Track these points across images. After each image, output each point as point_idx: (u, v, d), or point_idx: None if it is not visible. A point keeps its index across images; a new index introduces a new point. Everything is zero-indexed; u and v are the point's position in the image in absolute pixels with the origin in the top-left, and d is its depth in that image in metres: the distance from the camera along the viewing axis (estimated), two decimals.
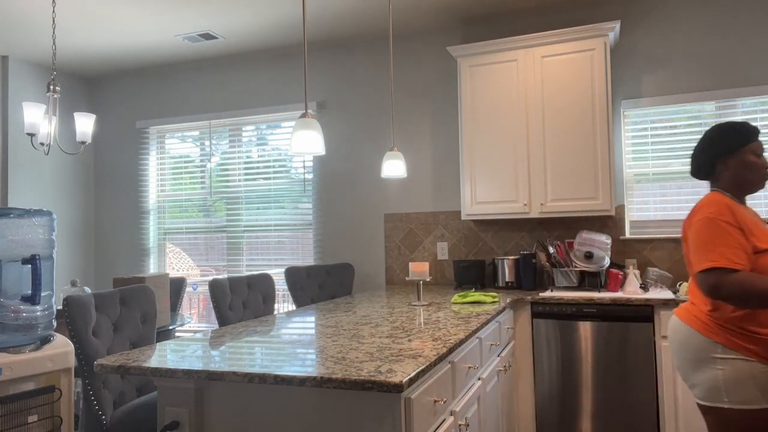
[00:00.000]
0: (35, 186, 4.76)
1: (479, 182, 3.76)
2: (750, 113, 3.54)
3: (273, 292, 3.44)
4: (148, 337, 2.57)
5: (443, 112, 4.22)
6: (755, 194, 3.50)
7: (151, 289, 2.63)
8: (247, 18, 3.97)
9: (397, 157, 3.25)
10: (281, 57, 4.70)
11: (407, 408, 1.52)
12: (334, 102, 4.52)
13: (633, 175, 3.77)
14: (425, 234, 4.22)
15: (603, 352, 3.15)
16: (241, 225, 4.78)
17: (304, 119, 2.18)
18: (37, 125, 3.40)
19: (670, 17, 3.70)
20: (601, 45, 3.50)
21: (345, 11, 3.88)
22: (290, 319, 2.61)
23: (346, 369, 1.57)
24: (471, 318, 2.46)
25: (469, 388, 2.21)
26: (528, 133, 3.65)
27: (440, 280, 4.17)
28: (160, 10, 3.80)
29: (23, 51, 4.51)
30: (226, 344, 2.02)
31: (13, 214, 2.09)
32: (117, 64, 4.95)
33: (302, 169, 4.61)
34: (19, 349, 2.07)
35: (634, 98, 3.75)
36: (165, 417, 1.70)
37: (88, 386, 2.21)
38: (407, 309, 2.82)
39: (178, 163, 5.06)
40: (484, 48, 3.74)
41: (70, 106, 5.12)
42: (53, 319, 2.22)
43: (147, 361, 1.75)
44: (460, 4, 3.82)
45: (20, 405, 2.05)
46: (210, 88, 4.92)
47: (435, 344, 1.90)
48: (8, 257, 2.06)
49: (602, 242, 3.50)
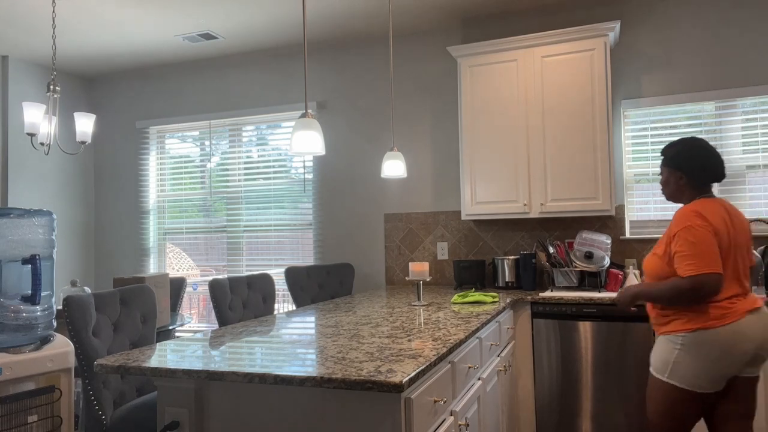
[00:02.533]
0: (35, 186, 4.76)
1: (479, 182, 3.76)
2: (750, 113, 3.54)
3: (273, 292, 3.44)
4: (148, 337, 2.57)
5: (443, 112, 4.22)
6: (755, 194, 3.51)
7: (151, 289, 2.63)
8: (247, 18, 3.97)
9: (397, 157, 3.25)
10: (281, 57, 4.70)
11: (407, 408, 1.52)
12: (334, 102, 4.53)
13: (633, 175, 3.77)
14: (425, 234, 4.22)
15: (603, 352, 3.15)
16: (241, 225, 4.78)
17: (304, 119, 2.18)
18: (37, 125, 3.40)
19: (670, 17, 3.70)
20: (601, 45, 3.50)
21: (345, 11, 3.88)
22: (290, 319, 2.61)
23: (346, 369, 1.57)
24: (471, 318, 2.46)
25: (469, 388, 2.21)
26: (528, 133, 3.66)
27: (440, 280, 4.17)
28: (160, 10, 3.80)
29: (23, 51, 4.51)
30: (226, 344, 2.02)
31: (13, 214, 2.09)
32: (117, 64, 4.95)
33: (302, 169, 4.62)
34: (19, 349, 2.07)
35: (634, 98, 3.75)
36: (165, 417, 1.70)
37: (88, 386, 2.21)
38: (407, 309, 2.82)
39: (178, 163, 5.06)
40: (484, 48, 3.74)
41: (70, 106, 5.12)
42: (53, 319, 2.22)
43: (147, 361, 1.75)
44: (460, 4, 3.82)
45: (20, 405, 2.05)
46: (210, 88, 4.92)
47: (435, 344, 1.90)
48: (8, 257, 2.06)
49: (602, 242, 3.50)
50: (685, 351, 2.04)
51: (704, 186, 2.21)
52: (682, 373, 2.04)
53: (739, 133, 3.55)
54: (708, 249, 2.02)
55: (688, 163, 2.20)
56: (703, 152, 2.20)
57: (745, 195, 3.53)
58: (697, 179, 2.20)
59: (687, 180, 2.21)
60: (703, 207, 2.10)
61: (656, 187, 3.72)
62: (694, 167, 2.19)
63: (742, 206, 3.52)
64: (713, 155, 2.20)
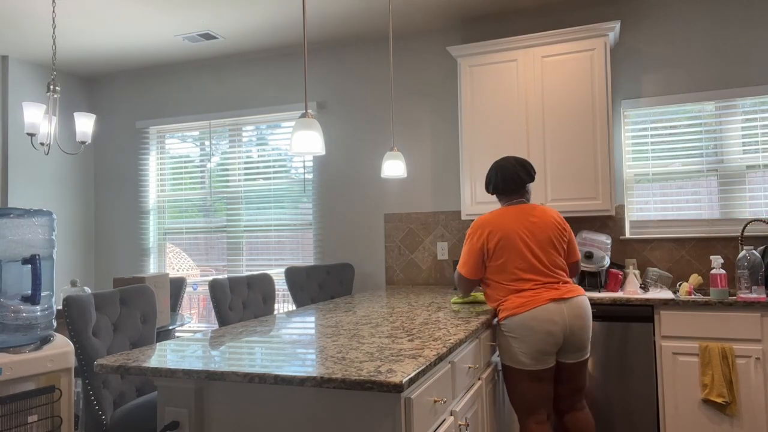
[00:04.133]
0: (35, 186, 4.76)
1: (479, 182, 3.76)
2: (750, 113, 3.54)
3: (273, 292, 3.44)
4: (148, 337, 2.58)
5: (443, 112, 4.22)
6: (755, 194, 3.51)
7: (151, 289, 2.63)
8: (247, 18, 3.97)
9: (397, 157, 3.25)
10: (281, 57, 4.70)
11: (407, 408, 1.52)
12: (334, 102, 4.53)
13: (633, 175, 3.77)
14: (425, 234, 4.22)
15: (603, 352, 3.15)
16: (241, 225, 4.78)
17: (304, 119, 2.18)
18: (37, 125, 3.40)
19: (670, 17, 3.70)
20: (601, 45, 3.50)
21: (345, 11, 3.88)
22: (290, 319, 2.61)
23: (346, 369, 1.57)
24: (471, 318, 2.46)
25: (469, 388, 2.21)
26: (528, 133, 3.66)
27: (440, 280, 4.17)
28: (159, 10, 3.80)
29: (23, 51, 4.51)
30: (226, 344, 2.02)
31: (13, 214, 2.09)
32: (117, 64, 4.95)
33: (302, 169, 4.62)
34: (19, 349, 2.07)
35: (634, 98, 3.75)
36: (165, 417, 1.70)
37: (88, 386, 2.21)
38: (407, 309, 2.82)
39: (178, 163, 5.06)
40: (484, 48, 3.74)
41: (70, 106, 5.12)
42: (53, 319, 2.22)
43: (147, 361, 1.75)
44: (460, 4, 3.82)
45: (20, 405, 2.05)
46: (210, 88, 4.92)
47: (435, 344, 1.90)
48: (8, 257, 2.06)
49: (602, 242, 3.50)
50: (505, 336, 2.48)
51: (501, 196, 2.70)
52: (509, 356, 2.47)
53: (739, 133, 3.55)
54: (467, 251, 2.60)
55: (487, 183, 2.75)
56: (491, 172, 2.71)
57: (744, 195, 3.53)
58: (495, 192, 2.72)
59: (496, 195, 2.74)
60: (490, 215, 2.60)
61: (656, 187, 3.72)
62: (487, 185, 2.74)
63: (742, 206, 3.52)
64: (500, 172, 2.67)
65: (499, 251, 2.51)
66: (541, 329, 2.37)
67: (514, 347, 2.43)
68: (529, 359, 2.41)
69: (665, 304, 3.04)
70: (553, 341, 2.39)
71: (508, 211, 2.59)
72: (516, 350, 2.43)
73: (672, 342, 3.03)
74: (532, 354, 2.40)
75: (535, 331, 2.37)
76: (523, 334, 2.40)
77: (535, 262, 2.48)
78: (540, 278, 2.47)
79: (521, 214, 2.57)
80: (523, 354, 2.41)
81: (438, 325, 2.31)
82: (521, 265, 2.47)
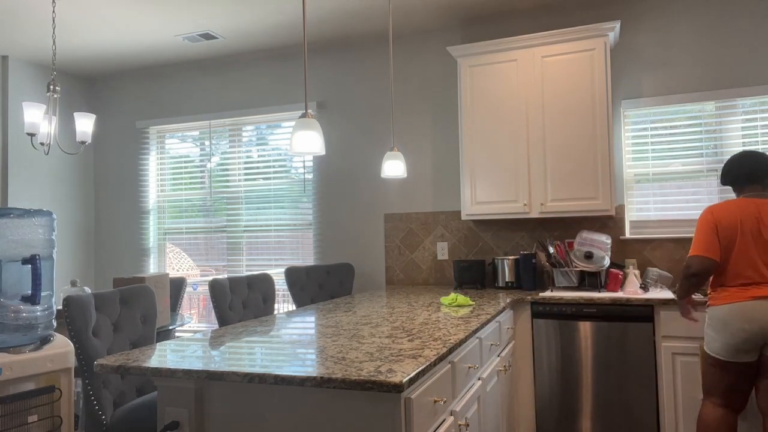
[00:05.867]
0: (35, 186, 4.76)
1: (479, 182, 3.76)
2: (750, 113, 3.54)
3: (273, 292, 3.44)
4: (148, 337, 2.57)
5: (443, 112, 4.22)
6: None
7: (151, 289, 2.63)
8: (247, 18, 3.97)
9: (397, 157, 3.25)
10: (281, 57, 4.70)
11: (407, 408, 1.52)
12: (334, 102, 4.53)
13: (633, 175, 3.77)
14: (425, 234, 4.22)
15: (603, 352, 3.15)
16: (241, 225, 4.78)
17: (304, 119, 2.18)
18: (37, 125, 3.40)
19: (670, 17, 3.70)
20: (601, 45, 3.50)
21: (345, 11, 3.88)
22: (290, 319, 2.61)
23: (346, 369, 1.57)
24: (471, 318, 2.46)
25: (469, 388, 2.21)
26: (528, 133, 3.66)
27: (440, 280, 4.17)
28: (160, 10, 3.80)
29: (23, 51, 4.51)
30: (226, 344, 2.02)
31: (13, 214, 2.09)
32: (117, 64, 4.95)
33: (302, 169, 4.62)
34: (19, 349, 2.07)
35: (634, 98, 3.75)
36: (165, 417, 1.70)
37: (88, 386, 2.21)
38: (407, 309, 2.82)
39: (178, 163, 5.06)
40: (484, 48, 3.74)
41: (70, 106, 5.12)
42: (53, 319, 2.22)
43: (147, 361, 1.75)
44: (460, 4, 3.82)
45: (20, 405, 2.05)
46: (210, 88, 4.92)
47: (435, 344, 1.90)
48: (8, 257, 2.06)
49: (602, 242, 3.50)
50: (707, 324, 2.56)
51: (735, 188, 2.67)
52: (707, 342, 2.57)
53: (739, 133, 3.55)
54: (701, 236, 2.54)
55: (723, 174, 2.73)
56: (728, 164, 2.69)
57: None
58: (731, 185, 2.70)
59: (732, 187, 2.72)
60: (722, 203, 2.57)
61: (656, 187, 3.72)
62: (723, 176, 2.72)
63: None
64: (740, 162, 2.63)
65: (725, 240, 2.52)
66: (734, 325, 2.43)
67: (710, 334, 2.54)
68: (718, 348, 2.50)
69: (665, 304, 3.04)
70: (746, 338, 2.41)
71: (741, 202, 2.56)
72: (710, 337, 2.53)
73: (672, 342, 3.03)
74: (722, 345, 2.48)
75: (728, 325, 2.44)
76: (717, 326, 2.49)
77: (756, 257, 2.48)
78: (753, 275, 2.47)
79: (754, 206, 2.54)
80: (715, 342, 2.51)
81: (438, 325, 2.31)
82: (741, 258, 2.48)
